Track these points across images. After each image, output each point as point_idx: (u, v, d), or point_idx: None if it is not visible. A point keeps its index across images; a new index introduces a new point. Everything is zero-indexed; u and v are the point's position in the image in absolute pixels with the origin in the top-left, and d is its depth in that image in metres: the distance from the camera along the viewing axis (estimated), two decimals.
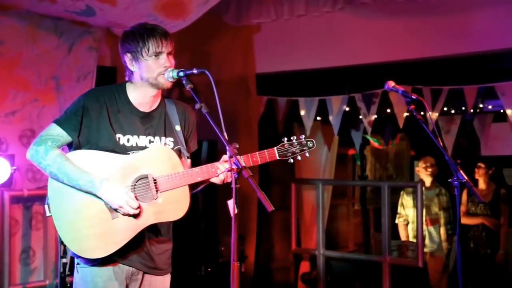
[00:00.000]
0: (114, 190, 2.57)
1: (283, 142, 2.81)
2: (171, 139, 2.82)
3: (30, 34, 4.50)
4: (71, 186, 2.59)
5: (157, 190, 2.67)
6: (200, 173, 2.71)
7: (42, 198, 4.55)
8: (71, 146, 2.72)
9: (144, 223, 2.66)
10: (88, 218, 2.60)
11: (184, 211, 2.72)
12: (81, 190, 2.59)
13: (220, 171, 2.70)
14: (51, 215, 2.61)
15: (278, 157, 2.78)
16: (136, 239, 2.65)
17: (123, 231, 2.62)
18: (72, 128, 2.66)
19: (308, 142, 2.83)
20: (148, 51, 2.65)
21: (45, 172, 2.62)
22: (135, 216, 2.62)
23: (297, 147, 2.82)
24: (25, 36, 4.48)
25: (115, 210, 2.60)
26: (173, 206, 2.70)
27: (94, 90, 2.86)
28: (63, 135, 2.66)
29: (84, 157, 2.63)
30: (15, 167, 4.30)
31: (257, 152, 2.77)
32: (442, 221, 6.28)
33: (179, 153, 2.81)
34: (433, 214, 6.27)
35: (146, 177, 2.66)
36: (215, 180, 2.78)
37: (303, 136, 2.86)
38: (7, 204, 4.31)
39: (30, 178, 4.55)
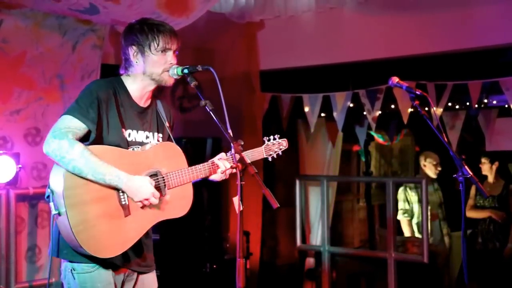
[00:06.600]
0: (140, 182, 2.52)
1: (265, 142, 3.03)
2: (161, 135, 2.84)
3: (34, 33, 4.51)
4: (92, 181, 2.46)
5: (165, 187, 2.67)
6: (203, 170, 2.78)
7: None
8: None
9: (153, 221, 2.65)
10: (102, 215, 2.50)
11: (188, 207, 2.76)
12: (102, 184, 2.47)
13: (221, 169, 2.80)
14: (57, 213, 2.47)
15: (264, 156, 3.01)
16: None
17: (134, 229, 2.59)
18: (92, 120, 2.53)
19: (283, 142, 3.08)
20: (158, 46, 2.66)
21: (67, 167, 2.43)
22: (148, 210, 2.61)
23: (276, 147, 3.06)
24: (29, 34, 4.48)
25: (138, 202, 2.55)
26: (179, 202, 2.72)
27: (102, 81, 2.76)
28: (80, 128, 2.51)
29: (98, 153, 2.50)
30: (20, 166, 4.30)
31: (250, 151, 2.93)
32: (440, 216, 6.29)
33: None
34: (434, 209, 6.27)
35: (156, 173, 2.66)
36: (215, 177, 2.84)
37: (277, 136, 3.07)
38: (12, 202, 4.32)
39: (35, 176, 4.55)
